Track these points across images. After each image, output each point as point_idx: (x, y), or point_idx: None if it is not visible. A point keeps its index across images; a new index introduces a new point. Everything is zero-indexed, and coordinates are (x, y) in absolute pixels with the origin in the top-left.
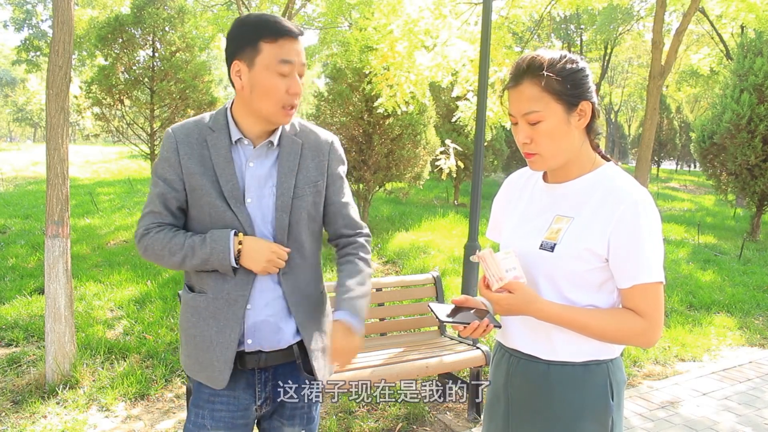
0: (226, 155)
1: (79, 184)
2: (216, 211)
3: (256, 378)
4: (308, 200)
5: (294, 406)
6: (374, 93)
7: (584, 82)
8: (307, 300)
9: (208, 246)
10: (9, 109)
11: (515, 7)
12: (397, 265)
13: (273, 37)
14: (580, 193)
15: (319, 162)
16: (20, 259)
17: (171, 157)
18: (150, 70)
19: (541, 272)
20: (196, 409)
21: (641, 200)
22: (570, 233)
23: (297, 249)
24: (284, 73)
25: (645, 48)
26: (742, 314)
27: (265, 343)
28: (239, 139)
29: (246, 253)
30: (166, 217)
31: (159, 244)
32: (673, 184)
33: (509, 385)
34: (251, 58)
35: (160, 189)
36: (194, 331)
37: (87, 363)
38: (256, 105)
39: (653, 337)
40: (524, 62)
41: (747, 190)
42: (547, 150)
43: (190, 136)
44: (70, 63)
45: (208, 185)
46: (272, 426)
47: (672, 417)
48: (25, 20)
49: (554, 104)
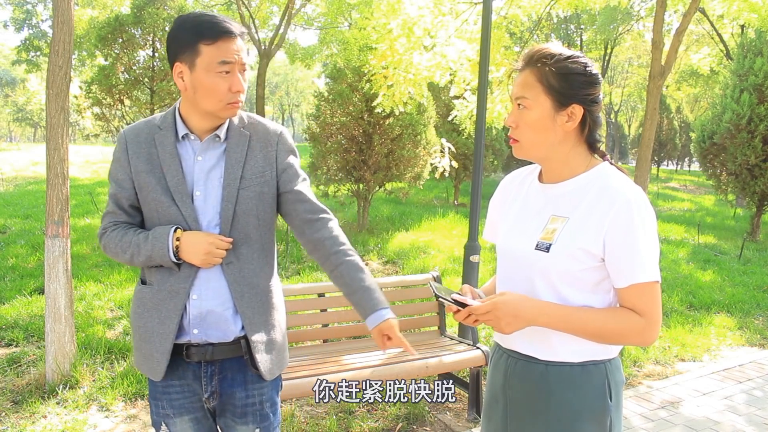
0: (171, 151)
1: (79, 184)
2: (162, 207)
3: (202, 371)
4: (255, 190)
5: (245, 404)
6: (373, 92)
7: (583, 87)
8: (252, 291)
9: (150, 243)
10: (9, 109)
11: (515, 6)
12: (397, 265)
13: (211, 39)
14: (574, 193)
15: (267, 153)
16: (20, 259)
17: (121, 157)
18: (150, 70)
19: (537, 273)
20: (154, 401)
21: (634, 199)
22: (565, 233)
23: (243, 239)
24: (225, 73)
25: (645, 48)
26: (742, 314)
27: (212, 334)
28: (186, 134)
29: (184, 248)
30: (121, 215)
31: (113, 242)
32: (673, 184)
33: (507, 386)
34: (191, 60)
35: (113, 189)
36: (139, 322)
37: (87, 363)
38: (200, 104)
39: (652, 336)
40: (533, 50)
41: (747, 190)
42: (525, 139)
43: (139, 135)
44: (70, 63)
45: (154, 182)
46: (226, 424)
47: (672, 417)
48: (25, 20)
49: (543, 97)
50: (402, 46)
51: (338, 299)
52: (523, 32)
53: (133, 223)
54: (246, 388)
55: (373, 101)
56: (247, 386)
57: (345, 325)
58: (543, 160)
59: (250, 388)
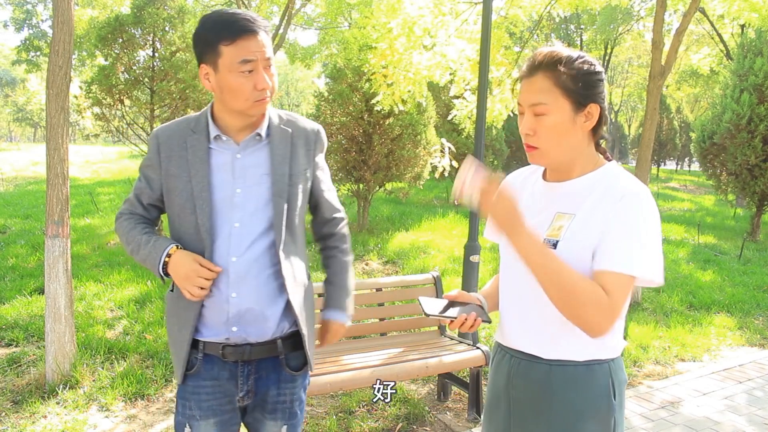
0: (202, 157)
1: (79, 184)
2: (184, 213)
3: (239, 371)
4: (300, 187)
5: (276, 401)
6: (373, 91)
7: (597, 85)
8: (301, 287)
9: (147, 250)
10: (9, 109)
11: (515, 6)
12: (397, 265)
13: (230, 38)
14: (581, 190)
15: (308, 150)
16: (20, 259)
17: (153, 158)
18: (150, 70)
19: None
20: (182, 401)
21: (642, 194)
22: (572, 230)
23: (291, 235)
24: (248, 70)
25: (645, 48)
26: (742, 314)
27: (252, 332)
28: (217, 135)
29: (170, 266)
30: (137, 208)
31: (122, 231)
32: (673, 184)
33: (511, 386)
34: (214, 62)
35: (139, 184)
36: (169, 326)
37: (87, 363)
38: (229, 104)
39: (608, 320)
40: (541, 55)
41: (747, 190)
42: (547, 144)
43: (171, 138)
44: (70, 63)
45: (181, 187)
46: (254, 419)
47: (673, 417)
48: (25, 20)
49: (563, 100)
50: (402, 45)
51: None
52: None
53: (146, 219)
54: (279, 386)
55: (373, 101)
56: (280, 385)
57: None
58: (563, 163)
59: (283, 386)
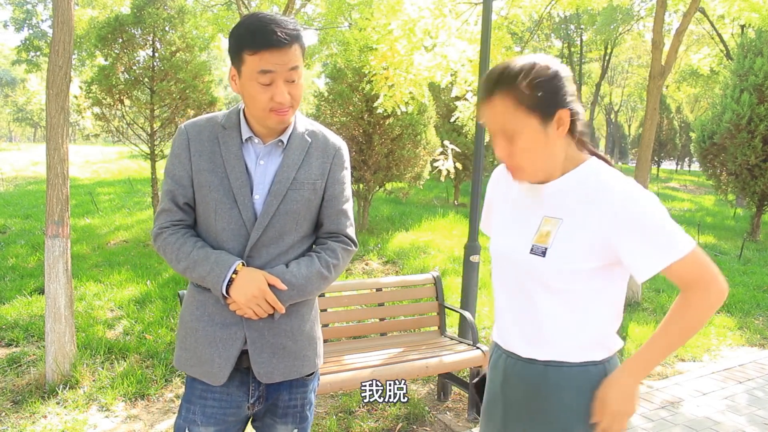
0: (236, 153)
1: (79, 184)
2: (222, 208)
3: (251, 377)
4: (303, 195)
5: (287, 405)
6: (374, 93)
7: (559, 90)
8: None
9: (209, 266)
10: (9, 109)
11: (515, 6)
12: (397, 265)
13: (254, 49)
14: (565, 192)
15: (323, 163)
16: (20, 259)
17: (182, 153)
18: (150, 70)
19: (535, 279)
20: (187, 404)
21: (629, 190)
22: (561, 236)
23: (275, 238)
24: (266, 83)
25: (645, 48)
26: (742, 314)
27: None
28: (249, 137)
29: (237, 282)
30: (176, 213)
31: (170, 248)
32: (673, 184)
33: (506, 386)
34: (238, 67)
35: (169, 186)
36: (197, 324)
37: (87, 363)
38: (249, 109)
39: (719, 291)
40: (495, 73)
41: (747, 190)
42: (527, 162)
43: (201, 133)
44: (70, 63)
45: (217, 182)
46: (265, 424)
47: (673, 417)
48: (25, 20)
49: (529, 118)
50: (403, 47)
51: (338, 299)
52: (524, 32)
53: (189, 223)
54: (291, 391)
55: (373, 101)
56: (292, 390)
57: (345, 325)
58: (548, 171)
59: (294, 391)
